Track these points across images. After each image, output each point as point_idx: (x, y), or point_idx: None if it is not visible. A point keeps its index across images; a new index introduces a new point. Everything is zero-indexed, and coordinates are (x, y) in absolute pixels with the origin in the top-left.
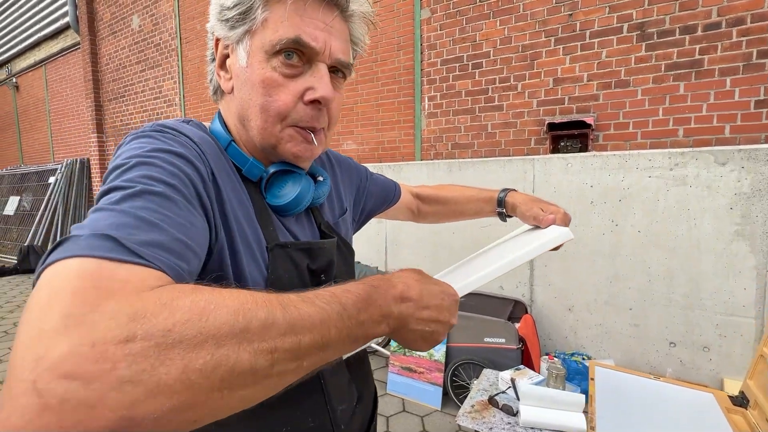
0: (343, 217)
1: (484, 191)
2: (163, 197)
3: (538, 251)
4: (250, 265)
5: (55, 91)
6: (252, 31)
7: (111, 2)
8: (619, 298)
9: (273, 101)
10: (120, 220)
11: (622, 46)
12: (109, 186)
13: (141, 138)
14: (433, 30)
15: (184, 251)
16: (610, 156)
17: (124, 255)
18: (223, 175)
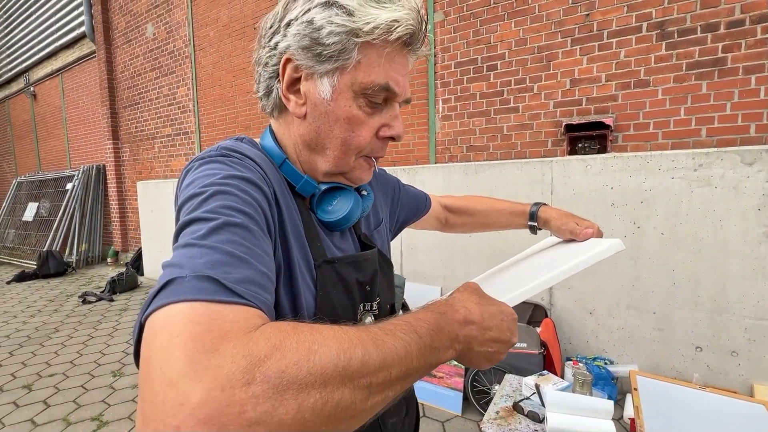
0: (378, 228)
1: (515, 204)
2: (244, 229)
3: (589, 262)
4: (302, 285)
5: (72, 99)
6: (343, 69)
7: (126, 11)
8: (642, 302)
9: (355, 136)
10: (213, 257)
11: (642, 45)
12: (191, 217)
13: (210, 163)
14: (446, 32)
15: (268, 283)
16: (630, 157)
17: (227, 296)
18: (281, 195)
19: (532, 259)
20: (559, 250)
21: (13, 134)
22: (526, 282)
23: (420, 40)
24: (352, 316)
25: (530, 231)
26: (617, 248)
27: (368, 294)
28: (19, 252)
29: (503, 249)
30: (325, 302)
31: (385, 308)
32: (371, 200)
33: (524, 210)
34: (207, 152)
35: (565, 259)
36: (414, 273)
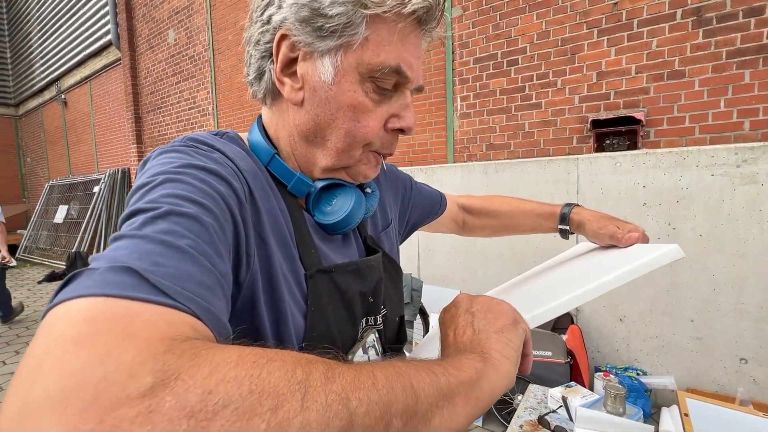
0: (387, 230)
1: (543, 205)
2: (193, 220)
3: (640, 271)
4: (289, 300)
5: (99, 106)
6: (347, 46)
7: (149, 18)
8: (679, 309)
9: (361, 127)
10: (141, 247)
11: (676, 33)
12: (132, 209)
13: (169, 153)
14: (464, 28)
15: (218, 285)
16: (664, 153)
17: (148, 293)
18: (262, 194)
19: (564, 268)
20: (598, 258)
21: (46, 140)
22: (559, 294)
23: (436, 18)
24: (352, 333)
25: (561, 235)
26: (675, 255)
27: (371, 306)
28: (50, 253)
29: (525, 251)
30: (318, 320)
31: (392, 321)
32: (376, 199)
33: (554, 211)
34: (171, 142)
35: (608, 267)
36: (432, 276)
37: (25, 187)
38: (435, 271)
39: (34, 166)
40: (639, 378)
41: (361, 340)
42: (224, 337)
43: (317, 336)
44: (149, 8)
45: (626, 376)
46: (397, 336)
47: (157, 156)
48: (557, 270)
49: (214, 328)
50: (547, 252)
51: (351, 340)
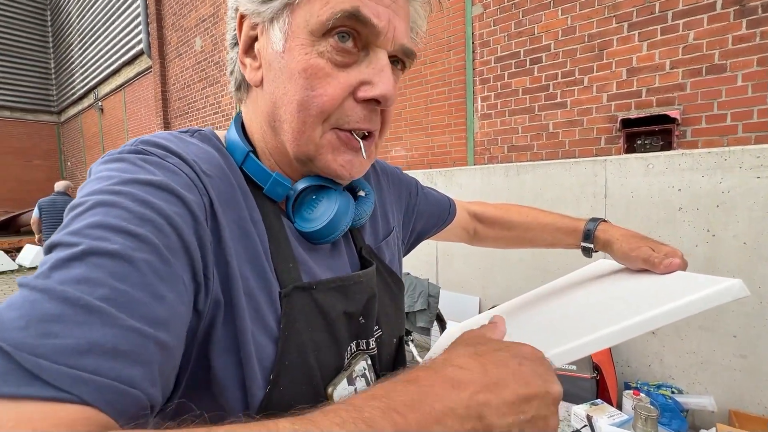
0: (387, 239)
1: (565, 219)
2: (118, 259)
3: (695, 308)
4: (254, 324)
5: (132, 112)
6: (293, 5)
7: (177, 27)
8: (720, 323)
9: (316, 95)
10: (36, 309)
11: (715, 25)
12: (51, 241)
13: (113, 163)
14: (486, 26)
15: (143, 347)
16: (702, 154)
17: (20, 386)
18: (230, 204)
19: (590, 292)
20: (632, 284)
21: (85, 145)
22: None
23: None
24: (335, 361)
25: (583, 254)
26: (738, 293)
27: (362, 328)
28: None
29: (548, 258)
30: (291, 346)
31: (388, 343)
32: (370, 204)
33: (576, 227)
34: (121, 147)
35: (651, 299)
36: (450, 282)
37: None
38: (453, 277)
39: (74, 170)
40: (674, 396)
41: (347, 369)
42: (139, 410)
43: (290, 365)
44: (178, 17)
45: (659, 394)
46: (395, 359)
47: (100, 165)
48: (581, 292)
49: (115, 407)
50: (571, 261)
51: (334, 369)
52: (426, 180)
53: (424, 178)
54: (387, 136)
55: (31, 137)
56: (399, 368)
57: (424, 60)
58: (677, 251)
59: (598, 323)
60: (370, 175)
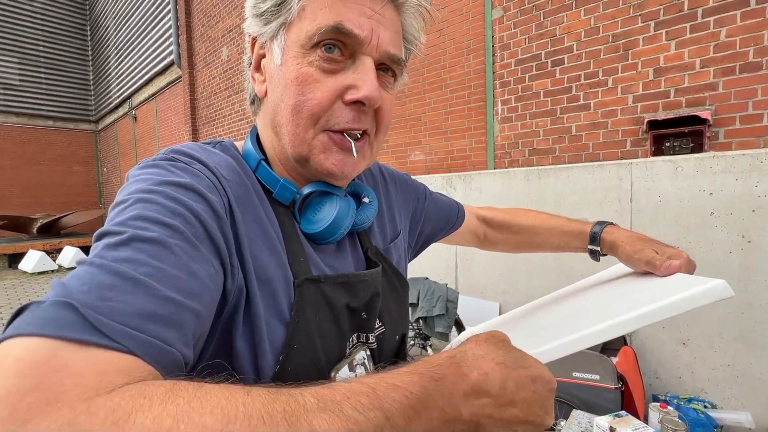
0: (395, 242)
1: (572, 222)
2: (156, 244)
3: (674, 310)
4: (268, 309)
5: (163, 120)
6: (288, 24)
7: (205, 38)
8: (755, 334)
9: (306, 100)
10: (94, 279)
11: (750, 21)
12: (101, 230)
13: (148, 168)
14: (506, 29)
15: (177, 313)
16: (736, 156)
17: (84, 333)
18: (246, 204)
19: (593, 295)
20: (632, 286)
21: (119, 152)
22: (574, 329)
23: None
24: (338, 349)
25: (591, 257)
26: (720, 295)
27: (363, 322)
28: None
29: (572, 262)
30: (301, 331)
31: (390, 338)
32: (373, 210)
33: (583, 230)
34: (155, 156)
35: (637, 300)
36: (470, 287)
37: (101, 194)
38: (473, 282)
39: (109, 176)
40: (707, 411)
41: (348, 357)
42: (176, 367)
43: (298, 348)
44: (206, 28)
45: (690, 408)
46: (396, 355)
47: (137, 170)
48: (589, 294)
49: (158, 361)
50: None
51: (337, 355)
52: (445, 184)
53: (444, 183)
54: (407, 141)
55: (71, 145)
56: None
57: (443, 64)
58: (682, 253)
59: (583, 325)
60: (378, 182)
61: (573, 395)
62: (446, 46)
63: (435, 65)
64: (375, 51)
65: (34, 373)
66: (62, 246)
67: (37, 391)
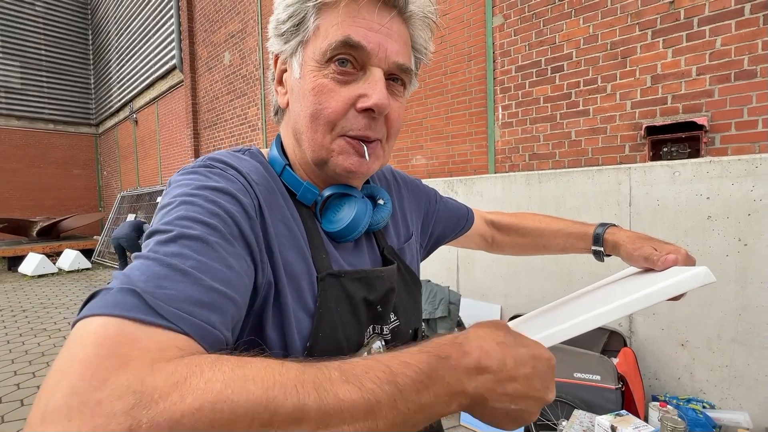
0: (409, 242)
1: (576, 224)
2: (199, 241)
3: (662, 295)
4: (295, 301)
5: (164, 123)
6: (305, 42)
7: (207, 43)
8: (753, 336)
9: (323, 109)
10: (151, 270)
11: (744, 30)
12: (152, 229)
13: (189, 174)
14: (506, 36)
15: (219, 300)
16: (732, 161)
17: (147, 314)
18: (273, 205)
19: (597, 294)
20: (630, 283)
21: (120, 155)
22: (571, 317)
23: None
24: (357, 338)
25: (595, 257)
26: (704, 280)
27: (379, 315)
28: None
29: (571, 266)
30: (325, 321)
31: (404, 333)
32: (388, 211)
33: (586, 232)
34: (193, 163)
35: (631, 290)
36: (472, 290)
37: (101, 198)
38: (475, 285)
39: (109, 179)
40: (705, 411)
41: (366, 345)
42: (219, 347)
43: (323, 336)
44: (208, 33)
45: (690, 408)
46: None
47: (179, 177)
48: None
49: (205, 341)
50: (595, 268)
51: (356, 344)
52: (446, 188)
53: (445, 186)
54: (409, 145)
55: (72, 148)
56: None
57: (445, 70)
58: (680, 249)
59: (574, 316)
60: (391, 186)
61: (574, 395)
62: (448, 52)
63: (437, 71)
64: (384, 62)
65: (109, 344)
66: (62, 249)
67: (111, 358)
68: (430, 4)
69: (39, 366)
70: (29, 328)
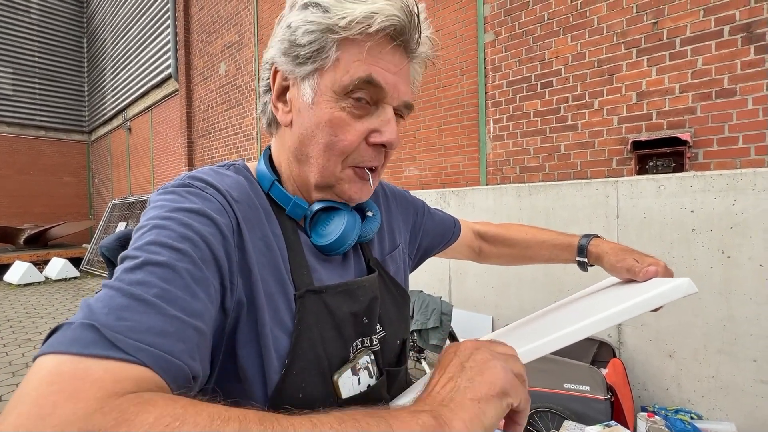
0: (392, 254)
1: (561, 235)
2: (166, 267)
3: (643, 307)
4: (272, 320)
5: (158, 132)
6: (322, 70)
7: (204, 53)
8: (737, 346)
9: (339, 141)
10: (114, 302)
11: (724, 51)
12: (123, 254)
13: (166, 195)
14: (497, 52)
15: (182, 329)
16: (714, 176)
17: (104, 349)
18: (253, 223)
19: (580, 303)
20: (615, 293)
21: (112, 163)
22: (554, 331)
23: (410, 34)
24: (341, 354)
25: (580, 268)
26: (687, 290)
27: (366, 327)
28: None
29: (561, 276)
30: (303, 339)
31: (392, 343)
32: (377, 223)
33: (571, 243)
34: (173, 181)
35: (615, 301)
36: (463, 300)
37: (92, 205)
38: (467, 295)
39: (101, 187)
40: (693, 422)
41: (352, 361)
42: (183, 376)
43: (302, 353)
44: (204, 44)
45: (677, 419)
46: (397, 359)
47: (157, 196)
48: (575, 304)
49: (165, 372)
50: (584, 278)
51: (340, 360)
52: (439, 199)
53: (438, 197)
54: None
55: (63, 155)
56: (401, 365)
57: (438, 84)
58: (659, 262)
59: (565, 326)
60: (379, 197)
61: (564, 406)
62: (441, 66)
63: (430, 84)
64: (395, 100)
65: (60, 380)
66: (50, 257)
67: (61, 393)
68: (432, 46)
69: (22, 378)
70: (13, 339)
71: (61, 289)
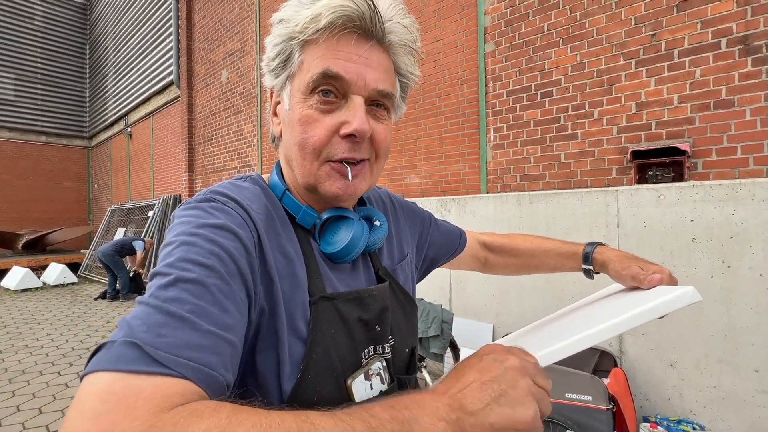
0: (402, 263)
1: (566, 244)
2: (197, 284)
3: (648, 315)
4: (288, 328)
5: (159, 138)
6: (291, 76)
7: (205, 60)
8: (739, 356)
9: (309, 137)
10: (151, 319)
11: (721, 63)
12: (154, 271)
13: (191, 210)
14: (498, 62)
15: (216, 343)
16: (713, 186)
17: (148, 365)
18: (272, 234)
19: (586, 310)
20: (620, 300)
21: (112, 168)
22: (566, 336)
23: (366, 21)
24: (353, 359)
25: (585, 275)
26: (691, 299)
27: (378, 334)
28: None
29: (562, 284)
30: (317, 344)
31: (401, 351)
32: (384, 232)
33: (576, 251)
34: (195, 197)
35: (622, 308)
36: (464, 308)
37: (91, 211)
38: (467, 303)
39: (100, 192)
40: None
41: (364, 366)
42: (219, 387)
43: (315, 359)
44: (207, 51)
45: (680, 429)
46: (406, 367)
47: (182, 212)
48: (581, 311)
49: (204, 383)
50: (586, 286)
51: (352, 365)
52: (440, 207)
53: (438, 205)
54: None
55: (63, 161)
56: (411, 374)
57: (438, 93)
58: (665, 269)
59: (568, 336)
60: (387, 208)
61: (566, 416)
62: (441, 75)
63: (430, 93)
64: (363, 90)
65: (114, 398)
66: (48, 263)
67: (117, 410)
68: (409, 32)
69: (19, 385)
70: (10, 345)
71: (59, 295)
